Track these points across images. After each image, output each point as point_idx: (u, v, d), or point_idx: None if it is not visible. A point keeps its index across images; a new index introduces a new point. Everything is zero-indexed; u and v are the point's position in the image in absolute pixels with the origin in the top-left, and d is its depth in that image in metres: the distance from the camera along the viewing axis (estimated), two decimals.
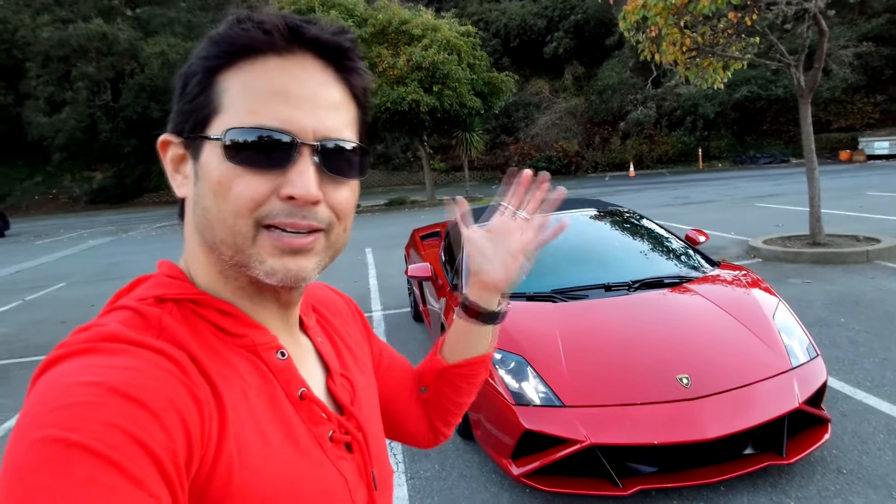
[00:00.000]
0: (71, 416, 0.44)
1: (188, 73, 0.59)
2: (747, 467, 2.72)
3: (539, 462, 2.73)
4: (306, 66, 0.58)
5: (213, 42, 0.58)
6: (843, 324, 4.88)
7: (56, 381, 0.47)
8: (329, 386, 0.69)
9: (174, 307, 0.58)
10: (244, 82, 0.56)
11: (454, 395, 0.90)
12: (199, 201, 0.58)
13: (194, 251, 0.62)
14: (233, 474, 0.52)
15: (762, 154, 28.48)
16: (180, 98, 0.60)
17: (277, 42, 0.56)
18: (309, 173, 0.56)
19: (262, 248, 0.57)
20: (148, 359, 0.50)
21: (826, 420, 2.96)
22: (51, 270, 12.45)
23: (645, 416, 2.72)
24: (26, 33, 33.39)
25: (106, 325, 0.53)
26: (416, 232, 6.56)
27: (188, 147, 0.59)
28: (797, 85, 7.34)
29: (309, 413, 0.62)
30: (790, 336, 3.14)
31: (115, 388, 0.46)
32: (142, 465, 0.44)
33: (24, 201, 35.45)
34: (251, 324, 0.61)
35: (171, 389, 0.49)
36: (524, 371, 2.97)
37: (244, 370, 0.58)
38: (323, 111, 0.58)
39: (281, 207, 0.56)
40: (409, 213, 18.71)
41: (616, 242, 4.38)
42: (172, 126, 0.61)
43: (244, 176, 0.55)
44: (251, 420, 0.56)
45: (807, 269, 6.91)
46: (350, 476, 0.64)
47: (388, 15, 18.84)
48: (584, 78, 35.19)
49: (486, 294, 0.84)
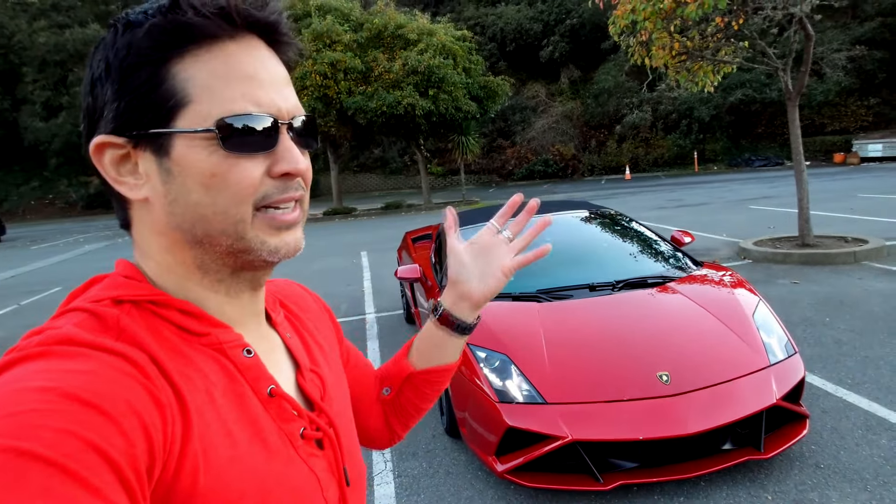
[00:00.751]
0: (22, 423, 0.41)
1: (124, 66, 0.54)
2: (726, 462, 2.78)
3: (522, 458, 2.78)
4: (258, 47, 0.58)
5: (162, 30, 0.54)
6: (828, 323, 4.95)
7: (6, 387, 0.44)
8: (299, 382, 0.68)
9: (132, 308, 0.56)
10: (210, 69, 0.55)
11: (417, 400, 0.91)
12: (182, 198, 0.56)
13: (158, 253, 0.60)
14: (198, 477, 0.50)
15: (757, 157, 28.63)
16: (120, 93, 0.55)
17: (234, 27, 0.56)
18: (294, 148, 0.59)
19: (259, 230, 0.58)
20: (105, 362, 0.48)
21: (805, 416, 3.02)
22: (46, 275, 12.49)
23: (625, 413, 2.77)
24: (23, 38, 33.47)
25: (60, 327, 0.51)
26: (408, 234, 6.62)
27: (140, 146, 0.56)
28: (785, 88, 7.43)
29: (279, 410, 0.61)
30: (769, 334, 3.20)
31: (71, 394, 0.44)
32: (99, 472, 0.42)
33: (20, 206, 35.44)
34: (215, 322, 0.60)
35: (130, 393, 0.47)
36: (508, 369, 3.02)
37: (209, 370, 0.57)
38: (285, 89, 0.60)
39: (275, 185, 0.58)
40: (405, 216, 18.77)
41: (602, 243, 4.45)
42: (112, 125, 0.55)
43: (238, 163, 0.55)
44: (217, 421, 0.54)
45: (795, 269, 6.98)
46: (321, 473, 0.64)
47: (384, 19, 18.94)
48: (580, 81, 35.35)
49: (462, 304, 0.85)
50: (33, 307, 9.08)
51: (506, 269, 0.83)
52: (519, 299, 3.62)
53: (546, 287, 3.70)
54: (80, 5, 36.54)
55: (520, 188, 28.97)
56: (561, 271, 3.90)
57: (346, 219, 19.95)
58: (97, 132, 0.56)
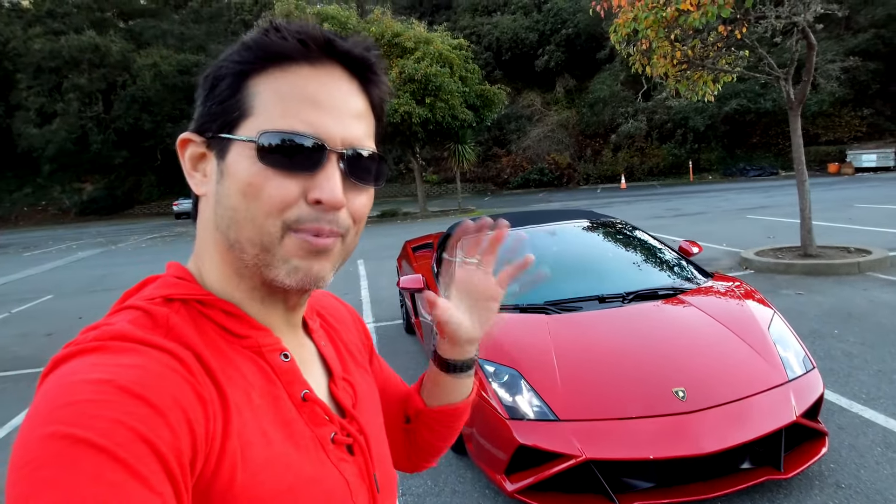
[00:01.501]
0: (78, 412, 0.44)
1: (217, 76, 0.60)
2: (745, 482, 2.68)
3: (533, 478, 2.67)
4: (335, 76, 0.60)
5: (247, 47, 0.59)
6: (837, 335, 4.87)
7: (64, 378, 0.47)
8: (331, 389, 0.69)
9: (181, 307, 0.59)
10: (276, 88, 0.58)
11: (431, 439, 0.89)
12: (224, 200, 0.59)
13: (208, 249, 0.63)
14: (236, 474, 0.52)
15: (752, 166, 28.76)
16: (207, 99, 0.61)
17: (312, 53, 0.59)
18: (336, 179, 0.58)
19: (287, 248, 0.58)
20: (155, 358, 0.51)
21: (823, 433, 2.92)
22: (38, 282, 12.29)
23: (641, 430, 2.67)
24: (18, 45, 33.34)
25: (114, 324, 0.54)
26: (408, 243, 6.52)
27: (211, 146, 0.61)
28: (786, 97, 7.39)
29: (311, 414, 0.63)
30: (785, 348, 3.11)
31: (123, 386, 0.46)
32: (147, 462, 0.45)
33: (13, 213, 35.16)
34: (255, 325, 0.62)
35: (176, 388, 0.50)
36: (518, 384, 2.92)
37: (248, 371, 0.59)
38: (349, 120, 0.60)
39: (308, 213, 0.58)
40: (401, 224, 18.68)
41: (609, 254, 4.36)
42: (196, 125, 0.62)
43: (275, 178, 0.57)
44: (254, 420, 0.56)
45: (799, 280, 6.92)
46: (351, 478, 0.64)
47: (381, 28, 18.96)
48: (576, 91, 35.51)
49: (461, 348, 0.82)
50: (24, 315, 8.90)
51: (495, 294, 0.81)
52: (526, 311, 3.52)
53: (554, 298, 3.60)
54: (75, 12, 36.46)
55: (515, 197, 28.96)
56: (569, 282, 3.80)
57: None
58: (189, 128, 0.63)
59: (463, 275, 0.80)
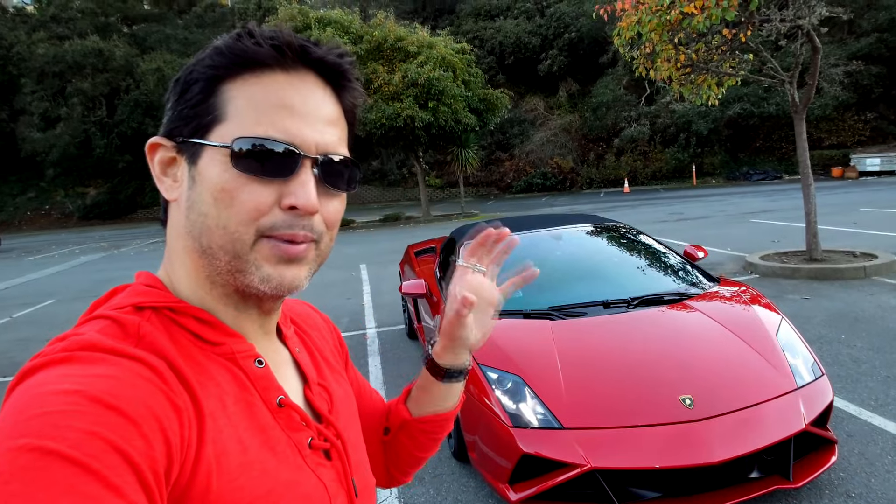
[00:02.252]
0: (48, 424, 0.43)
1: (189, 80, 0.60)
2: (753, 492, 2.62)
3: (537, 487, 2.62)
4: (308, 83, 0.60)
5: (220, 52, 0.59)
6: (844, 340, 4.81)
7: (33, 390, 0.46)
8: (307, 394, 0.69)
9: (152, 315, 0.58)
10: (250, 94, 0.58)
11: (413, 449, 0.88)
12: (196, 206, 0.58)
13: (179, 255, 0.62)
14: (212, 481, 0.52)
15: (755, 170, 28.67)
16: (178, 103, 0.60)
17: (286, 59, 0.59)
18: (310, 184, 0.58)
19: (259, 254, 0.58)
20: (126, 367, 0.50)
21: (833, 441, 2.87)
22: (40, 287, 12.28)
23: (647, 439, 2.62)
24: (22, 49, 33.46)
25: (83, 334, 0.53)
26: (410, 248, 6.48)
27: (182, 151, 0.60)
28: (791, 101, 7.35)
29: (287, 420, 0.62)
30: (794, 354, 3.06)
31: (94, 397, 0.46)
32: (121, 473, 0.44)
33: (16, 217, 35.23)
34: (229, 332, 0.61)
35: (149, 397, 0.49)
36: (522, 391, 2.87)
37: (221, 378, 0.58)
38: (323, 126, 0.60)
39: (283, 219, 0.58)
40: (404, 228, 18.65)
41: (614, 258, 4.31)
42: (166, 129, 0.61)
43: (248, 185, 0.56)
44: (229, 427, 0.56)
45: (805, 284, 6.85)
46: (329, 483, 0.64)
47: (384, 32, 18.96)
48: (579, 95, 35.48)
49: (458, 355, 0.83)
50: (26, 320, 8.88)
51: (496, 302, 0.81)
52: (530, 316, 3.47)
53: (558, 304, 3.55)
54: (79, 17, 36.60)
55: (518, 201, 28.88)
56: (573, 287, 3.75)
57: (345, 231, 19.80)
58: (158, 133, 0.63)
59: (475, 282, 0.80)
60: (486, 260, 0.82)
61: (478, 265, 0.81)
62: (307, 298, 0.84)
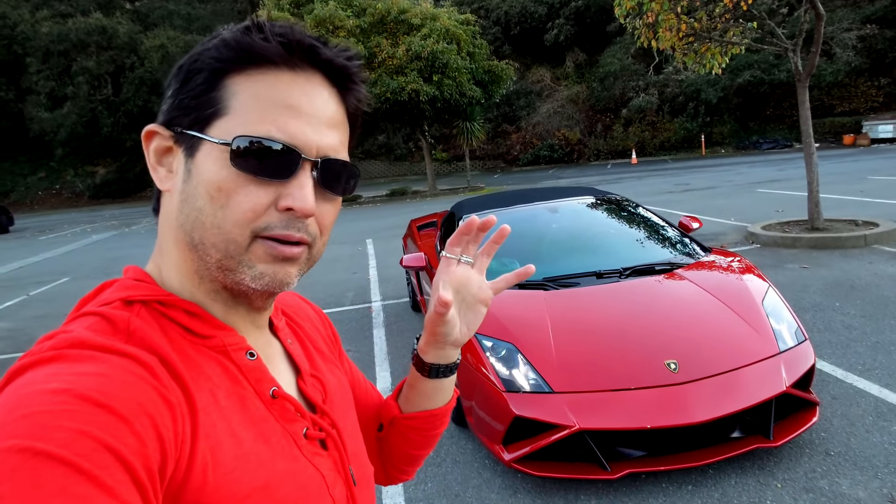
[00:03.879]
0: (37, 424, 0.42)
1: (192, 69, 0.59)
2: (735, 450, 2.76)
3: (529, 447, 2.78)
4: (314, 83, 0.59)
5: (227, 45, 0.57)
6: (838, 308, 4.90)
7: (21, 390, 0.45)
8: (300, 385, 0.69)
9: (142, 309, 0.57)
10: (255, 91, 0.57)
11: (406, 447, 0.86)
12: (190, 200, 0.57)
13: (169, 248, 0.61)
14: (207, 475, 0.51)
15: (765, 139, 28.33)
16: (179, 91, 0.59)
17: (294, 58, 0.58)
18: (308, 187, 0.58)
19: (253, 254, 0.58)
20: (116, 364, 0.49)
21: (815, 403, 2.99)
22: (55, 265, 12.56)
23: (633, 401, 2.75)
24: (26, 28, 33.40)
25: (71, 331, 0.52)
26: (413, 222, 6.59)
27: (180, 142, 0.59)
28: (794, 69, 7.30)
29: (281, 411, 0.62)
30: (779, 321, 3.17)
31: (84, 395, 0.45)
32: (113, 472, 0.43)
33: (27, 197, 35.61)
34: (219, 325, 0.61)
35: (141, 394, 0.48)
36: (514, 358, 3.01)
37: (213, 372, 0.58)
38: (325, 129, 0.60)
39: (278, 219, 0.57)
40: (410, 203, 18.72)
41: (609, 230, 4.40)
42: (165, 118, 0.60)
43: (246, 185, 0.56)
44: (222, 421, 0.55)
45: (805, 254, 6.91)
46: (327, 472, 0.64)
47: (387, 4, 18.74)
48: (586, 65, 35.00)
49: (444, 352, 0.79)
50: (42, 297, 9.13)
51: (486, 299, 0.77)
52: (525, 287, 3.59)
53: (553, 275, 3.67)
54: None
55: (525, 174, 28.74)
56: (567, 259, 3.86)
57: (352, 206, 19.92)
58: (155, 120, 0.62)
59: (460, 274, 0.75)
60: (473, 249, 0.76)
61: (464, 256, 0.76)
62: (315, 272, 0.85)
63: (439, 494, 2.96)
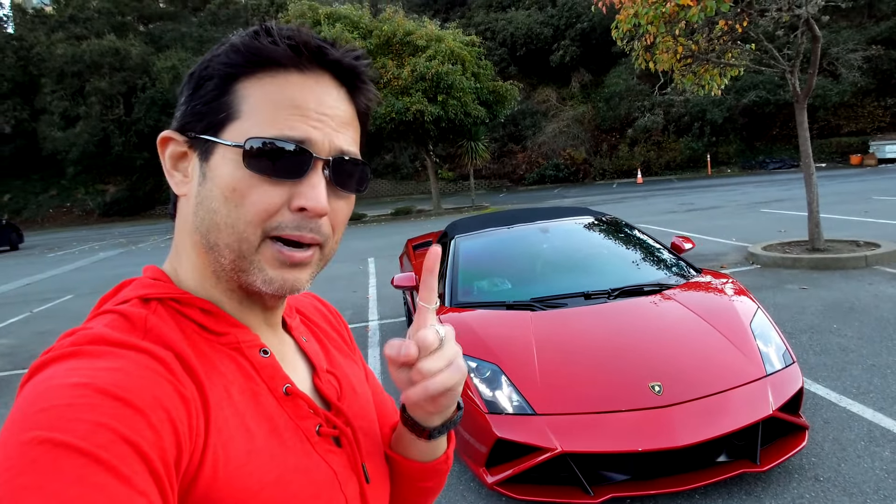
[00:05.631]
0: (57, 416, 0.44)
1: (203, 76, 0.60)
2: (721, 475, 2.72)
3: (512, 470, 2.75)
4: (323, 83, 0.60)
5: (237, 50, 0.59)
6: (836, 330, 4.84)
7: (42, 384, 0.47)
8: (315, 383, 0.69)
9: (159, 307, 0.59)
10: (266, 93, 0.58)
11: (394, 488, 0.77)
12: (206, 203, 0.59)
13: (186, 249, 0.63)
14: (218, 469, 0.52)
15: (772, 159, 28.29)
16: (192, 98, 0.60)
17: (302, 60, 0.59)
18: (321, 186, 0.59)
19: (263, 257, 0.59)
20: (133, 359, 0.51)
21: (804, 427, 2.94)
22: (60, 283, 12.66)
23: (616, 424, 2.73)
24: (42, 50, 34.13)
25: (91, 328, 0.54)
26: (409, 241, 6.62)
27: (194, 147, 0.60)
28: (793, 90, 7.32)
29: (295, 408, 0.62)
30: (767, 343, 3.13)
31: (102, 389, 0.46)
32: (130, 463, 0.44)
33: (38, 214, 36.03)
34: (233, 322, 0.62)
35: (157, 388, 0.50)
36: (498, 379, 2.99)
37: (226, 368, 0.59)
38: (336, 128, 0.61)
39: (291, 219, 0.58)
40: (414, 222, 18.79)
41: (600, 250, 4.39)
42: (179, 124, 0.62)
43: (260, 185, 0.57)
44: (235, 416, 0.56)
45: (805, 274, 6.86)
46: (339, 469, 0.64)
47: (393, 26, 19.03)
48: (591, 85, 35.23)
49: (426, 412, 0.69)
50: (45, 315, 9.20)
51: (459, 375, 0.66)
52: (513, 308, 3.59)
53: (540, 295, 3.66)
54: (96, 17, 37.20)
55: (530, 193, 28.80)
56: (556, 279, 3.85)
57: (356, 225, 20.00)
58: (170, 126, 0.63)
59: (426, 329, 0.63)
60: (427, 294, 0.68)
61: (421, 303, 0.66)
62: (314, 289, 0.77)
63: None
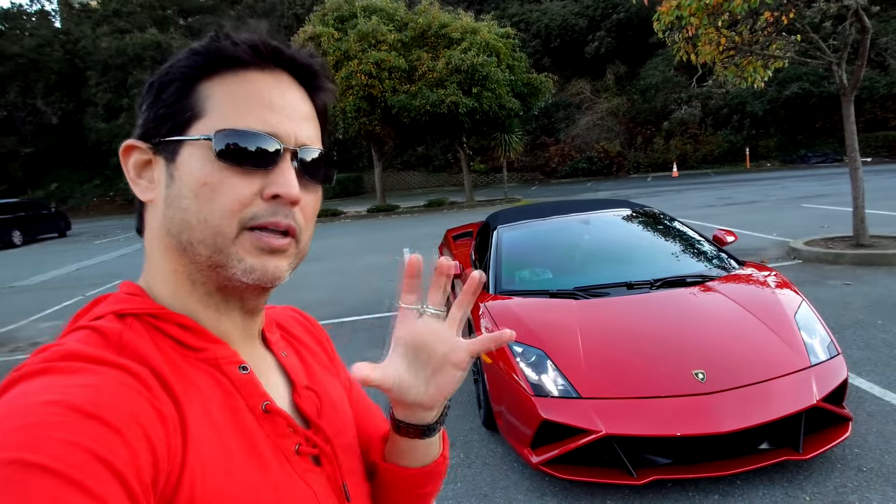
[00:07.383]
0: (28, 436, 0.42)
1: (164, 81, 0.60)
2: (763, 461, 2.78)
3: (557, 451, 2.86)
4: (283, 81, 0.62)
5: (196, 52, 0.60)
6: (881, 326, 4.80)
7: (12, 403, 0.46)
8: (294, 400, 0.68)
9: (134, 322, 0.58)
10: (229, 90, 0.59)
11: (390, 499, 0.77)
12: (175, 203, 0.58)
13: (157, 260, 0.62)
14: (196, 489, 0.51)
15: (814, 153, 27.48)
16: (154, 104, 0.61)
17: (262, 58, 0.60)
18: (291, 174, 0.60)
19: (241, 246, 0.58)
20: (108, 375, 0.49)
21: (847, 418, 2.97)
22: (109, 268, 13.19)
23: (660, 409, 2.81)
24: (87, 44, 35.25)
25: (64, 344, 0.53)
26: (449, 232, 6.74)
27: (159, 152, 0.60)
28: (839, 83, 7.18)
29: (273, 426, 0.61)
30: (811, 335, 3.17)
31: (75, 406, 0.45)
32: (104, 482, 0.43)
33: (83, 203, 37.33)
34: (211, 338, 0.61)
35: (133, 405, 0.48)
36: (544, 364, 3.10)
37: (204, 385, 0.58)
38: (300, 121, 0.62)
39: (265, 208, 0.58)
40: (447, 214, 18.90)
41: (641, 242, 4.45)
42: (141, 131, 0.62)
43: (230, 177, 0.57)
44: (213, 434, 0.55)
45: (848, 270, 6.75)
46: (319, 489, 0.63)
47: (428, 19, 19.10)
48: (627, 77, 34.69)
49: (414, 412, 0.70)
50: None
51: (459, 362, 0.66)
52: (556, 296, 3.68)
53: (583, 284, 3.75)
54: (139, 11, 38.18)
55: (563, 186, 28.56)
56: (599, 269, 3.93)
57: (390, 216, 20.24)
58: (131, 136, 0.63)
59: (422, 330, 0.66)
60: (439, 297, 0.67)
61: (430, 307, 0.66)
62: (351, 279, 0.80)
63: (468, 494, 3.06)
